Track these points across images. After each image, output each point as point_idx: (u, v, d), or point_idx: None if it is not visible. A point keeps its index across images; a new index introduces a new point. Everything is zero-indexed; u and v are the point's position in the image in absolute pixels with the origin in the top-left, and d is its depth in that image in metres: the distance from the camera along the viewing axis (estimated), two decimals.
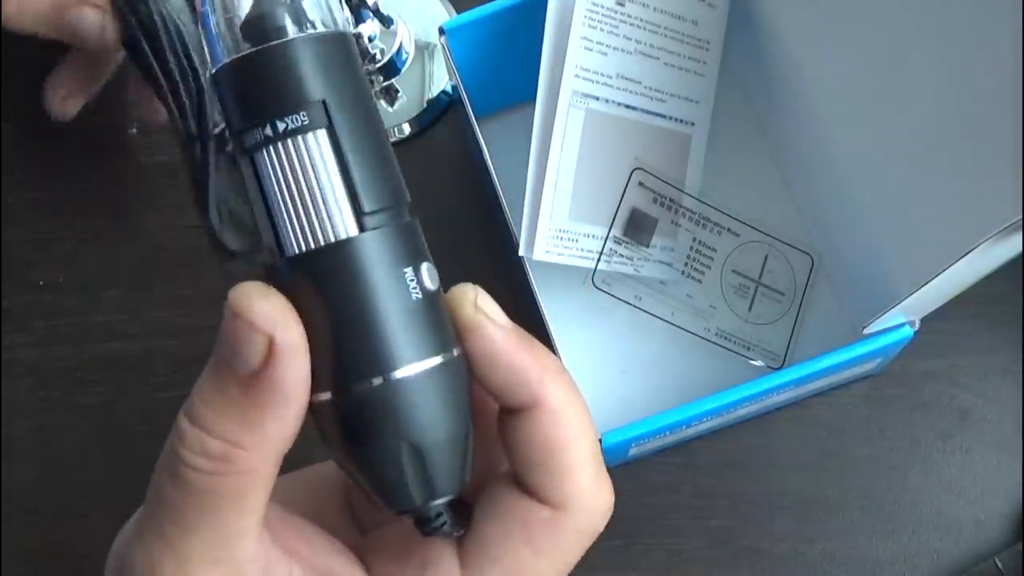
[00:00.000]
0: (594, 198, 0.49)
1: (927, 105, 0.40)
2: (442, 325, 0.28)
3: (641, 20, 0.49)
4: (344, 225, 0.27)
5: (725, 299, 0.51)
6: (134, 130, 0.58)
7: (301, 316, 0.27)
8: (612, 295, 0.50)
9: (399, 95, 0.57)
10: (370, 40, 0.56)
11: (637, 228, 0.50)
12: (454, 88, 0.53)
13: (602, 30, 0.48)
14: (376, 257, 0.27)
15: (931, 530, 0.49)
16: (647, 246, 0.50)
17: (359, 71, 0.28)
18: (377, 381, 0.26)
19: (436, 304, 0.28)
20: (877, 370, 0.51)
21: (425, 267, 0.27)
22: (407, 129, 0.57)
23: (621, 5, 0.49)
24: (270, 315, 0.26)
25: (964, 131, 0.39)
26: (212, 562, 0.28)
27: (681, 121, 0.51)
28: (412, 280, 0.27)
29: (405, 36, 0.58)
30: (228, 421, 0.27)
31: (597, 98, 0.49)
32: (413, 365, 0.27)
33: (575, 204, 0.48)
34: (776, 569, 0.49)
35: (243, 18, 0.27)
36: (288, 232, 0.27)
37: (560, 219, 0.48)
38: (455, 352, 0.28)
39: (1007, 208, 0.36)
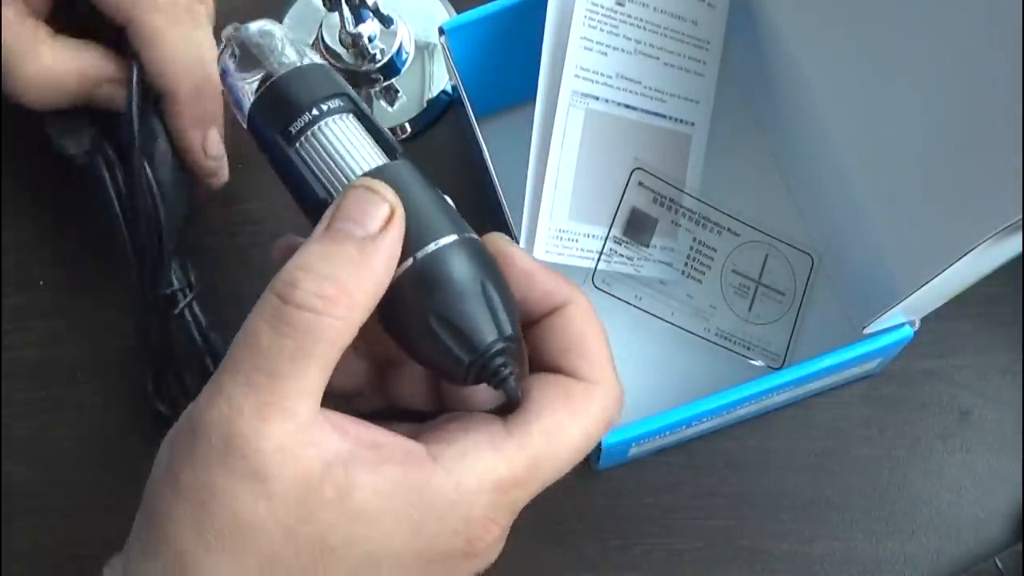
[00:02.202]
0: (594, 198, 0.49)
1: (927, 105, 0.40)
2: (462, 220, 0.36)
3: (641, 20, 0.49)
4: (385, 160, 0.36)
5: (725, 299, 0.51)
6: None
7: None
8: (612, 295, 0.50)
9: (399, 95, 0.57)
10: (370, 40, 0.57)
11: (637, 228, 0.50)
12: (454, 88, 0.53)
13: (602, 30, 0.48)
14: (416, 174, 0.36)
15: (931, 530, 0.49)
16: (647, 246, 0.50)
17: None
18: (445, 241, 0.34)
19: (455, 210, 0.36)
20: (877, 370, 0.51)
21: (439, 190, 0.36)
22: (407, 129, 0.57)
23: (621, 5, 0.49)
24: (391, 192, 0.33)
25: (964, 131, 0.39)
26: (287, 414, 0.31)
27: (681, 121, 0.51)
28: (433, 187, 0.36)
29: (405, 36, 0.58)
30: (341, 272, 0.32)
31: (597, 98, 0.49)
32: (464, 235, 0.34)
33: (575, 204, 0.48)
34: (776, 569, 0.49)
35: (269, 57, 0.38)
36: (334, 179, 0.35)
37: (560, 219, 0.48)
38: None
39: (1007, 208, 0.36)
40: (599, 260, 0.49)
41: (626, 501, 0.50)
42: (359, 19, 0.56)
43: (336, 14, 0.55)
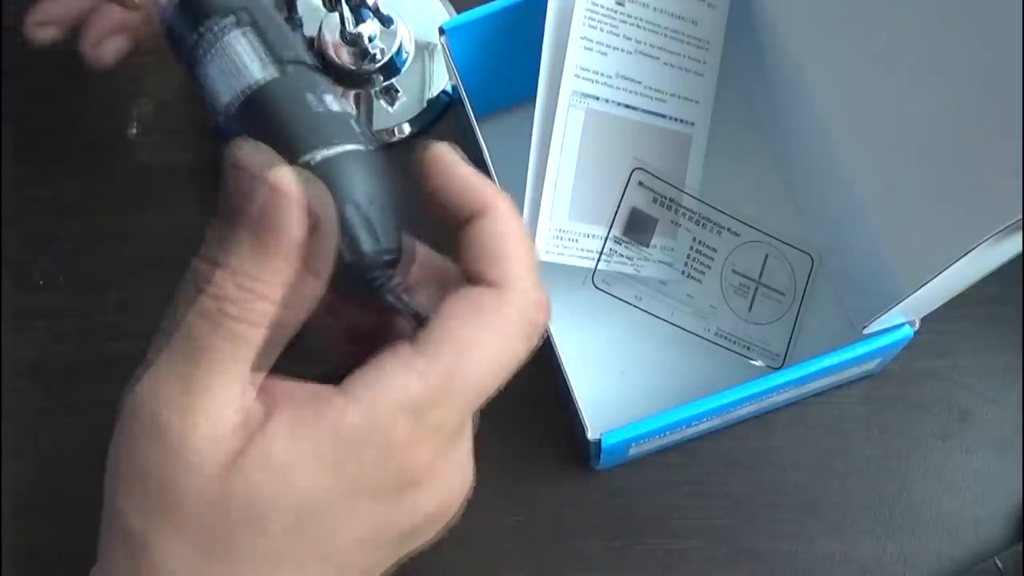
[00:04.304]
0: (594, 198, 0.49)
1: (927, 105, 0.40)
2: (354, 130, 0.36)
3: (641, 20, 0.49)
4: (270, 71, 0.36)
5: (725, 299, 0.51)
6: (134, 130, 0.58)
7: (258, 136, 0.34)
8: (612, 295, 0.50)
9: (399, 95, 0.57)
10: (370, 40, 0.57)
11: (637, 228, 0.50)
12: (454, 88, 0.53)
13: (602, 30, 0.48)
14: (294, 86, 0.36)
15: (931, 530, 0.49)
16: (647, 246, 0.50)
17: None
18: (316, 156, 0.34)
19: (347, 119, 0.36)
20: (877, 370, 0.51)
21: (329, 96, 0.36)
22: (407, 129, 0.57)
23: (621, 5, 0.49)
24: (264, 163, 0.32)
25: (964, 131, 0.39)
26: (211, 394, 0.31)
27: (681, 121, 0.51)
28: (315, 99, 0.35)
29: (405, 36, 0.58)
30: (250, 260, 0.31)
31: (597, 98, 0.49)
32: (333, 147, 0.34)
33: (575, 204, 0.48)
34: (776, 569, 0.49)
35: None
36: (235, 89, 0.36)
37: (560, 219, 0.48)
38: (368, 147, 0.35)
39: (1007, 208, 0.36)
40: (599, 260, 0.49)
41: (626, 501, 0.50)
42: (359, 19, 0.56)
43: (336, 14, 0.56)
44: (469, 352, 0.32)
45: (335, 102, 0.36)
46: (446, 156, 0.35)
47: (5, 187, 0.57)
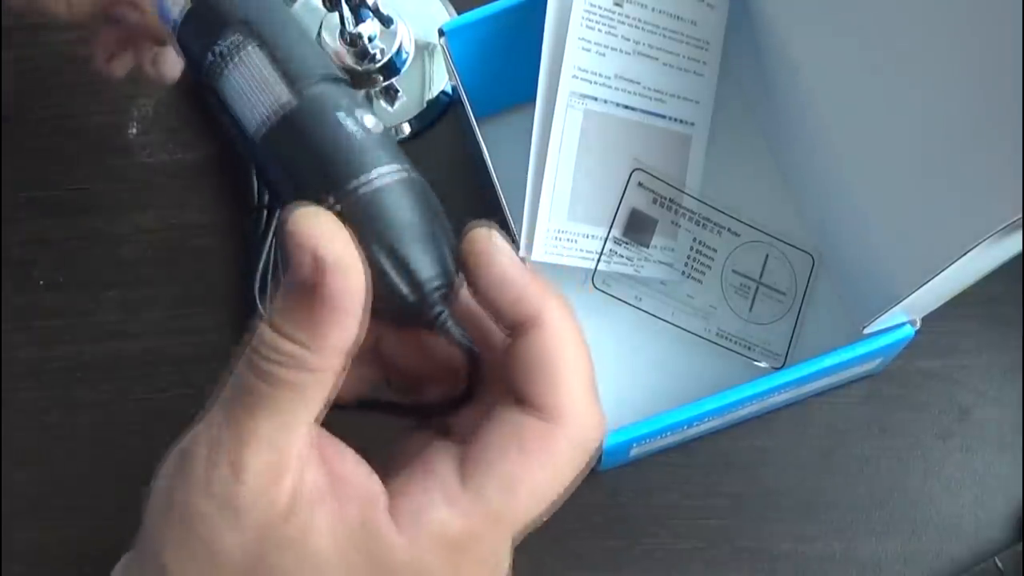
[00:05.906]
0: (593, 199, 0.49)
1: (927, 105, 0.40)
2: (395, 151, 0.33)
3: (639, 20, 0.49)
4: (289, 96, 0.33)
5: (726, 299, 0.51)
6: (134, 130, 0.58)
7: (292, 164, 0.33)
8: (612, 295, 0.50)
9: (399, 95, 0.57)
10: (370, 40, 0.57)
11: (637, 228, 0.50)
12: (454, 88, 0.53)
13: (599, 31, 0.48)
14: (326, 106, 0.33)
15: (931, 530, 0.49)
16: (647, 246, 0.50)
17: None
18: (360, 186, 0.32)
19: (388, 140, 0.33)
20: (878, 370, 0.51)
21: (367, 116, 0.33)
22: (407, 129, 0.57)
23: (619, 6, 0.48)
24: (314, 234, 0.30)
25: (964, 130, 0.39)
26: (267, 444, 0.31)
27: (681, 121, 0.51)
28: (352, 122, 0.33)
29: (405, 36, 0.58)
30: (298, 326, 0.30)
31: (595, 99, 0.49)
32: (369, 175, 0.32)
33: (574, 205, 0.48)
34: (776, 569, 0.49)
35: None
36: (253, 117, 0.34)
37: (559, 220, 0.48)
38: (411, 171, 0.34)
39: (1007, 208, 0.36)
40: (599, 261, 0.49)
41: (627, 501, 0.50)
42: (359, 19, 0.56)
43: (336, 14, 0.56)
44: (516, 491, 0.32)
45: (371, 120, 0.34)
46: (494, 251, 0.33)
47: (5, 187, 0.57)
